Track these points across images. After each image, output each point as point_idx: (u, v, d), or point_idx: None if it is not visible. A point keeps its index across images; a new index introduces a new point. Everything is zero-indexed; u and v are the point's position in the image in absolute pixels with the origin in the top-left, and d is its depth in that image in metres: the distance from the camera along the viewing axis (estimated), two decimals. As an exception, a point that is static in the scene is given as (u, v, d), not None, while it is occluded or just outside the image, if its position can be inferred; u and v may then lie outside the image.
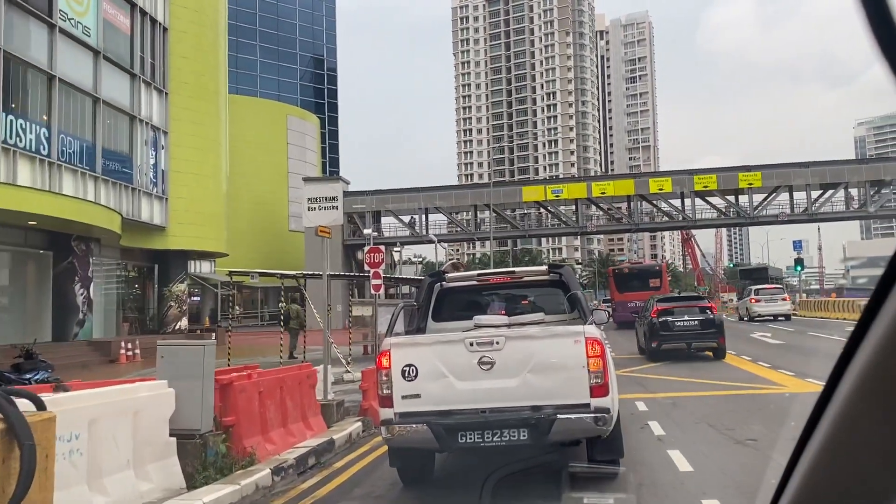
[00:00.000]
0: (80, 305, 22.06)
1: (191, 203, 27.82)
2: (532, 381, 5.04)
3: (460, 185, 58.62)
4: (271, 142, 59.49)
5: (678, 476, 5.82)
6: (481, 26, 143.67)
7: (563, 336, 5.24)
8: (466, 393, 5.08)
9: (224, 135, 30.64)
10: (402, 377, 5.16)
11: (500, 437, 4.94)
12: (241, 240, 50.84)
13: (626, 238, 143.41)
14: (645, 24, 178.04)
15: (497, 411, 5.02)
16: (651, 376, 13.31)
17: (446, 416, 5.05)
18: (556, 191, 51.53)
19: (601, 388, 5.01)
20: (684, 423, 8.33)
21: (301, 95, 71.61)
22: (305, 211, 9.79)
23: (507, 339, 5.15)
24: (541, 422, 4.92)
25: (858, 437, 0.83)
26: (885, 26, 0.68)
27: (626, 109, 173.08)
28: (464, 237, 58.89)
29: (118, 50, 24.56)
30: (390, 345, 5.32)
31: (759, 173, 47.93)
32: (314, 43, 73.80)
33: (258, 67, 70.11)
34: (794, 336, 22.17)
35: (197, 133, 28.27)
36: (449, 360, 5.16)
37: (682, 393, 10.91)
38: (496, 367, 5.07)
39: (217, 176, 29.90)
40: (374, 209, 54.44)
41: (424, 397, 5.14)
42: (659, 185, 49.49)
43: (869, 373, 0.77)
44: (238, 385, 6.86)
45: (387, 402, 5.24)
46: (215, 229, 29.74)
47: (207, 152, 29.02)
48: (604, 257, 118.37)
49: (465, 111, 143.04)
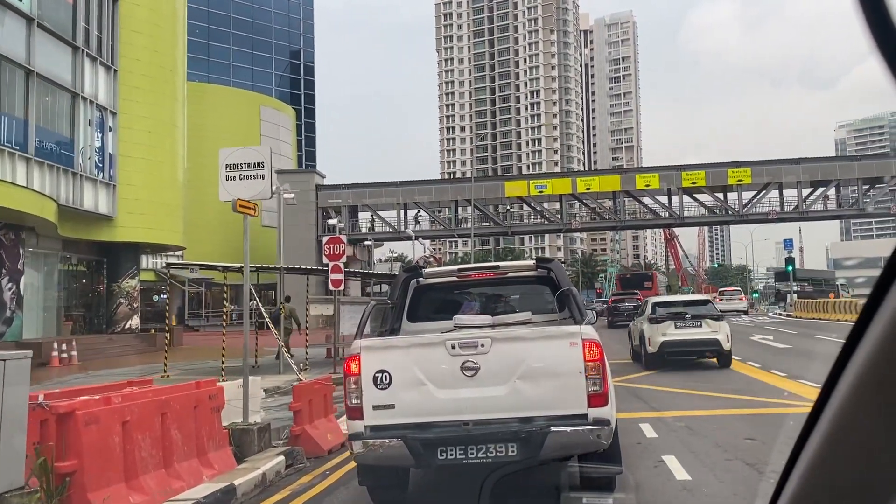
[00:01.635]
0: (8, 302, 19.63)
1: (143, 191, 25.41)
2: (522, 389, 4.45)
3: (440, 179, 56.53)
4: (244, 133, 56.92)
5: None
6: (465, 23, 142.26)
7: (557, 338, 4.62)
8: (447, 403, 4.48)
9: (182, 117, 28.23)
10: (374, 385, 4.51)
11: (485, 453, 4.36)
12: (211, 234, 48.37)
13: (609, 238, 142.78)
14: (629, 23, 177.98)
15: (482, 424, 4.41)
16: (650, 387, 11.34)
17: (424, 430, 4.44)
18: (540, 186, 49.60)
19: (600, 396, 4.39)
20: (711, 459, 6.31)
21: (277, 86, 68.88)
22: (223, 181, 7.66)
23: (493, 342, 4.53)
24: (532, 435, 4.33)
25: (856, 438, 0.83)
26: (882, 25, 0.69)
27: (609, 109, 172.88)
28: (444, 234, 56.82)
29: (57, 19, 22.12)
30: (360, 348, 4.67)
31: (749, 170, 46.46)
32: (290, 32, 71.12)
33: (231, 56, 67.29)
34: (798, 339, 20.46)
35: (151, 115, 25.85)
36: (427, 365, 4.54)
37: (692, 412, 8.91)
38: (481, 374, 4.46)
39: (173, 162, 27.49)
40: (351, 204, 52.27)
41: (399, 408, 4.50)
42: (646, 181, 47.79)
43: (866, 375, 0.77)
44: (83, 415, 4.72)
45: (356, 413, 4.55)
46: (171, 220, 27.34)
47: (162, 136, 26.61)
48: (587, 257, 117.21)
49: (449, 108, 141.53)
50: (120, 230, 24.82)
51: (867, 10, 0.69)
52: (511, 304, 6.59)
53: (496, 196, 51.54)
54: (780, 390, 10.51)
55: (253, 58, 68.55)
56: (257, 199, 7.73)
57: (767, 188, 47.04)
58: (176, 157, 27.71)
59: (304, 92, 72.95)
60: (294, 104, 69.12)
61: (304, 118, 71.87)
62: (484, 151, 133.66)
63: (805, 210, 46.82)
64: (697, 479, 5.58)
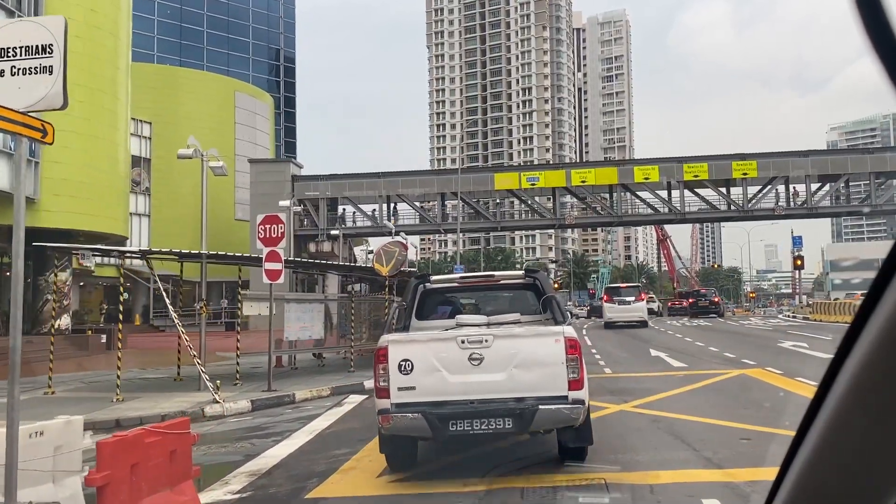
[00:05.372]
0: None
1: (74, 170, 21.90)
2: (516, 376, 5.55)
3: (426, 170, 53.22)
4: (216, 120, 53.37)
5: None
6: (456, 19, 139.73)
7: (545, 335, 5.77)
8: (458, 386, 5.57)
9: (125, 88, 24.69)
10: (399, 371, 5.58)
11: (487, 426, 5.46)
12: (182, 228, 44.94)
13: (600, 238, 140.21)
14: (622, 22, 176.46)
15: (485, 402, 5.52)
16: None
17: (439, 407, 5.50)
18: (532, 178, 46.32)
19: (577, 382, 5.52)
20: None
21: (254, 72, 65.09)
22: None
23: (495, 338, 5.65)
24: (524, 412, 5.45)
25: (852, 436, 0.84)
26: (879, 27, 0.70)
27: (602, 108, 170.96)
28: (429, 229, 53.52)
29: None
30: (388, 342, 5.72)
31: (755, 162, 43.45)
32: (269, 15, 67.38)
33: (205, 39, 63.48)
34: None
35: (84, 81, 22.29)
36: (442, 355, 5.62)
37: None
38: (485, 363, 5.57)
39: (114, 138, 23.97)
40: (330, 196, 48.86)
41: (419, 389, 5.56)
42: (645, 173, 44.64)
43: (862, 374, 0.78)
44: None
45: (384, 393, 5.60)
46: (111, 205, 23.83)
47: (100, 106, 23.08)
48: (578, 257, 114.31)
49: (439, 105, 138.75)
50: (44, 215, 21.31)
51: (864, 12, 0.69)
52: (503, 307, 7.52)
53: (485, 189, 48.31)
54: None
55: (228, 41, 64.80)
56: (42, 108, 4.37)
57: (774, 182, 44.10)
58: (117, 132, 24.17)
59: (283, 79, 69.24)
60: (273, 91, 65.50)
61: (283, 107, 68.22)
62: (475, 150, 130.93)
63: (814, 206, 43.91)
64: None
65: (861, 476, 0.84)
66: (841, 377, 0.81)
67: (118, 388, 10.81)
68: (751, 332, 24.93)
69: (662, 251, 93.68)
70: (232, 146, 55.07)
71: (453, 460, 6.56)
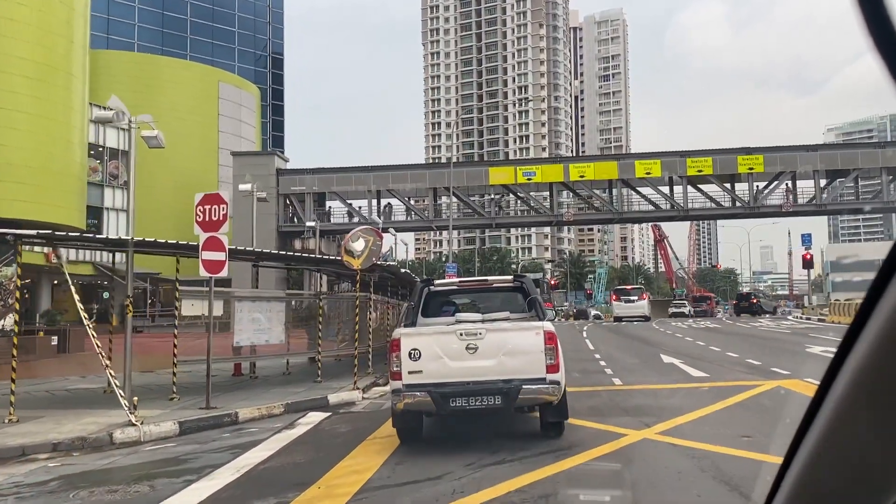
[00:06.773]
0: None
1: (21, 154, 19.71)
2: (505, 361, 6.72)
3: (417, 164, 50.98)
4: (199, 111, 51.08)
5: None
6: (452, 16, 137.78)
7: (528, 329, 6.98)
8: (457, 370, 6.72)
9: (83, 67, 22.47)
10: (409, 358, 6.74)
11: (480, 402, 6.63)
12: (162, 222, 42.67)
13: (597, 239, 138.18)
14: (619, 21, 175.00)
15: (478, 383, 6.68)
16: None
17: (441, 387, 6.65)
18: (529, 173, 44.22)
19: (554, 366, 6.73)
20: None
21: (240, 63, 62.73)
22: None
23: (487, 332, 6.84)
24: (510, 391, 6.63)
25: (852, 435, 0.85)
26: (881, 25, 0.70)
27: (598, 108, 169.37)
28: (420, 225, 51.37)
29: None
30: (400, 334, 6.92)
31: (762, 157, 41.51)
32: (256, 4, 64.94)
33: (189, 28, 61.10)
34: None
35: (33, 56, 20.11)
36: (444, 345, 6.80)
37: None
38: (479, 351, 6.74)
39: (68, 120, 21.75)
40: (317, 191, 46.67)
41: (425, 373, 6.71)
42: (646, 167, 42.62)
43: (863, 373, 0.79)
44: None
45: (397, 376, 6.77)
46: (64, 194, 21.62)
47: (52, 85, 20.86)
48: (574, 257, 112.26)
49: (434, 104, 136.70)
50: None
51: (865, 9, 0.69)
52: (495, 306, 8.72)
53: (480, 184, 46.22)
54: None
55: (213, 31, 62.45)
56: None
57: (780, 177, 42.16)
58: (73, 114, 21.96)
59: (271, 70, 66.93)
60: (261, 83, 63.18)
61: (270, 99, 65.92)
62: (470, 149, 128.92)
63: (822, 202, 41.99)
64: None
65: (861, 474, 0.83)
66: (841, 377, 0.81)
67: (12, 406, 8.66)
68: (766, 335, 22.94)
69: (660, 252, 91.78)
70: (216, 139, 52.83)
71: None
